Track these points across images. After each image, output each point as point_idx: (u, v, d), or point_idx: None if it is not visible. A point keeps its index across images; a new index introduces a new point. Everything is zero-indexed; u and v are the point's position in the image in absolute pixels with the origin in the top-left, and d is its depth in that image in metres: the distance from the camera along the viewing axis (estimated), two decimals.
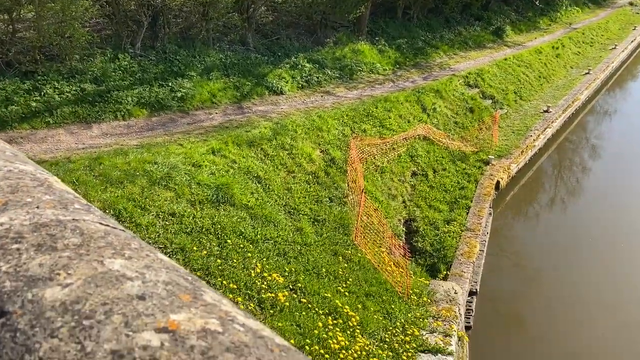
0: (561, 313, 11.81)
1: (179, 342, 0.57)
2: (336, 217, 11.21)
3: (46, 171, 1.17)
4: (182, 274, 0.76)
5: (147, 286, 0.67)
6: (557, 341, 10.95)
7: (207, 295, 0.70)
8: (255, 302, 7.58)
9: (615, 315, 11.68)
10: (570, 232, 15.62)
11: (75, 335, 0.57)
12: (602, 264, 13.69)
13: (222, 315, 0.65)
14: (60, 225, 0.81)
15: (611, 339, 10.95)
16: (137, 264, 0.73)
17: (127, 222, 8.11)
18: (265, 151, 11.81)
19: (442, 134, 17.29)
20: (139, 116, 12.88)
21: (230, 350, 0.58)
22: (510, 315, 12.09)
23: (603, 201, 17.41)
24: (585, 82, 26.90)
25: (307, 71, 17.68)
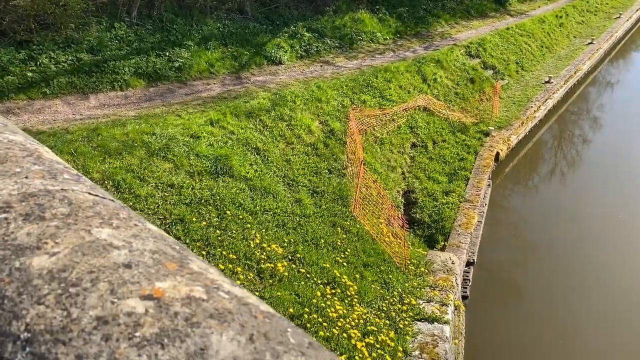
0: (558, 283, 11.96)
1: (163, 308, 0.58)
2: (335, 188, 11.24)
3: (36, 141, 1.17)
4: (170, 243, 0.77)
5: (133, 255, 0.68)
6: (554, 311, 11.13)
7: (194, 264, 0.71)
8: (255, 272, 7.67)
9: (611, 286, 11.84)
10: (569, 204, 15.69)
11: (62, 302, 0.58)
12: (600, 235, 13.79)
13: (207, 283, 0.66)
14: (49, 195, 0.81)
15: (607, 310, 11.12)
16: (124, 233, 0.74)
17: (126, 193, 8.13)
18: (264, 122, 11.75)
19: (442, 105, 17.18)
20: (137, 86, 12.77)
21: (214, 316, 0.59)
22: (508, 285, 12.25)
23: (603, 173, 17.42)
24: (588, 52, 26.57)
25: (306, 40, 17.44)
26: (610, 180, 16.78)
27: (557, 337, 10.44)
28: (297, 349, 0.58)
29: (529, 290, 11.95)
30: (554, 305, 11.31)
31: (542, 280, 12.17)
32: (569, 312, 11.13)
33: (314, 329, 6.89)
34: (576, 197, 16.16)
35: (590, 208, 15.23)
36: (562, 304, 11.34)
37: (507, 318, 11.14)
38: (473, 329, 10.32)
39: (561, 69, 23.64)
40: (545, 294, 11.71)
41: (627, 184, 16.42)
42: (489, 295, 11.77)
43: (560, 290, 11.76)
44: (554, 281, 12.06)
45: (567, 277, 12.18)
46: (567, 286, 11.86)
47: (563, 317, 10.97)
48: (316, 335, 6.81)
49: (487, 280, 12.13)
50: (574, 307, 11.24)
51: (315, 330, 6.89)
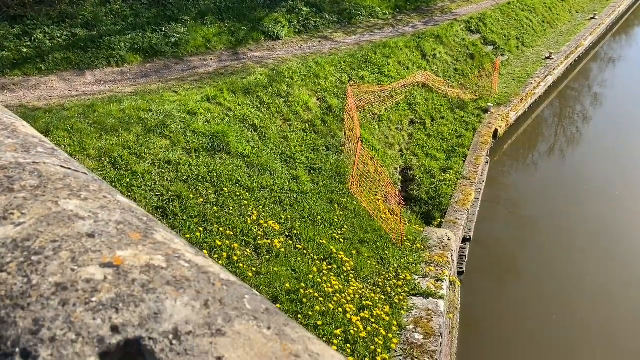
0: (555, 259, 12.07)
1: (121, 275, 0.60)
2: (332, 165, 11.25)
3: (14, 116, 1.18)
4: (138, 215, 0.79)
5: (98, 225, 0.70)
6: (549, 286, 11.26)
7: (159, 235, 0.72)
8: (252, 248, 7.74)
9: (608, 261, 11.95)
10: (568, 181, 15.72)
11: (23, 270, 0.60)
12: (598, 213, 13.85)
13: (169, 252, 0.68)
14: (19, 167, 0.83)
15: (604, 284, 11.25)
16: (92, 204, 0.76)
17: (123, 169, 8.15)
18: (261, 99, 11.69)
19: (441, 81, 17.06)
20: (133, 62, 12.66)
21: (171, 283, 0.61)
22: (505, 260, 12.37)
23: (602, 150, 17.41)
24: (590, 27, 26.25)
25: (304, 15, 17.21)
26: (609, 156, 16.78)
27: (553, 312, 10.59)
28: (251, 314, 0.60)
29: (525, 266, 12.07)
30: (549, 280, 11.44)
31: (538, 256, 12.28)
32: (564, 287, 11.26)
33: (310, 303, 6.99)
34: (575, 173, 16.18)
35: (589, 184, 15.27)
36: (558, 279, 11.47)
37: (503, 293, 11.28)
38: (469, 304, 10.46)
39: (562, 45, 23.40)
40: (541, 269, 11.83)
41: (626, 160, 16.42)
42: (486, 270, 11.90)
43: (556, 266, 11.88)
44: (551, 257, 12.17)
45: (564, 253, 12.29)
46: (564, 262, 11.97)
47: (559, 293, 11.10)
48: (312, 309, 6.92)
49: (484, 256, 12.24)
50: (570, 283, 11.37)
51: (312, 305, 6.99)
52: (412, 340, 6.97)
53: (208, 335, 0.54)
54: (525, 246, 12.70)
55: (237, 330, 0.56)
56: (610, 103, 21.60)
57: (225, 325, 0.56)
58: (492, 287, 11.48)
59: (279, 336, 0.57)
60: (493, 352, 9.78)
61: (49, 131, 8.49)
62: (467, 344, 9.73)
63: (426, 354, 6.71)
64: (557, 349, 9.72)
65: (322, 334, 6.62)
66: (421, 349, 6.79)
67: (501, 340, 9.97)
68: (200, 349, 0.52)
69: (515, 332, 10.17)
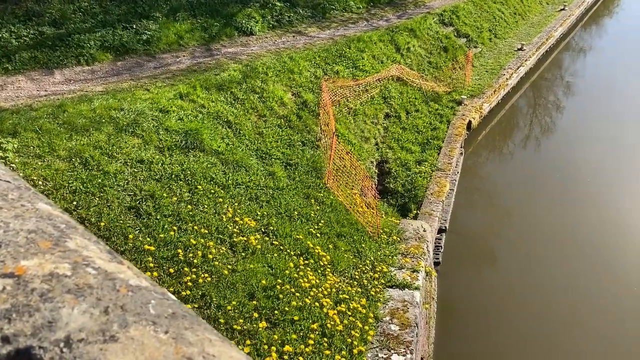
0: (530, 247, 12.29)
1: (21, 285, 0.61)
2: (309, 160, 11.26)
3: None
4: (56, 223, 0.79)
5: (7, 235, 0.70)
6: (525, 274, 11.48)
7: (72, 242, 0.73)
8: (227, 245, 7.72)
9: (583, 247, 12.21)
10: (542, 170, 16.00)
11: None
12: (571, 200, 14.13)
13: (77, 260, 0.68)
14: None
15: (579, 271, 11.50)
16: (5, 214, 0.76)
17: (94, 170, 8.03)
18: (235, 95, 11.63)
19: (415, 74, 17.18)
20: (103, 61, 12.47)
21: (72, 291, 0.62)
22: (481, 250, 12.57)
23: (575, 139, 17.77)
24: (560, 19, 26.70)
25: (278, 10, 17.14)
26: (582, 145, 17.14)
27: (530, 299, 10.80)
28: (151, 319, 0.61)
29: (501, 255, 12.29)
30: (525, 268, 11.66)
31: (514, 245, 12.50)
32: (540, 275, 11.49)
33: (286, 299, 7.02)
34: (549, 162, 16.48)
35: (563, 173, 15.58)
36: (534, 267, 11.70)
37: (480, 282, 11.47)
38: (446, 294, 10.62)
39: (534, 36, 23.76)
40: (517, 258, 12.06)
41: (598, 148, 16.78)
42: (462, 260, 12.07)
43: (532, 254, 12.11)
44: (527, 245, 12.40)
45: (539, 241, 12.53)
46: (540, 250, 12.21)
47: (535, 280, 11.33)
48: (289, 305, 6.94)
49: (461, 246, 12.42)
50: (546, 270, 11.61)
51: (288, 301, 7.01)
52: (388, 332, 7.06)
53: (100, 341, 0.55)
54: (501, 235, 12.92)
55: (132, 335, 0.57)
56: (582, 92, 22.03)
57: (119, 331, 0.57)
58: (469, 276, 11.65)
59: (175, 340, 0.59)
60: (470, 340, 9.95)
61: (16, 132, 8.32)
62: (445, 333, 9.88)
63: (402, 344, 6.80)
64: (534, 336, 9.93)
65: (299, 329, 6.65)
66: (397, 340, 6.88)
67: (478, 329, 10.15)
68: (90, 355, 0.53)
69: (493, 320, 10.36)
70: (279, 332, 6.51)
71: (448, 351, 9.64)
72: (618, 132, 17.82)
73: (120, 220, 7.26)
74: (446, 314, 10.22)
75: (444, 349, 9.60)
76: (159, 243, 7.11)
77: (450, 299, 10.66)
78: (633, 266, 11.57)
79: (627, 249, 12.19)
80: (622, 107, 19.76)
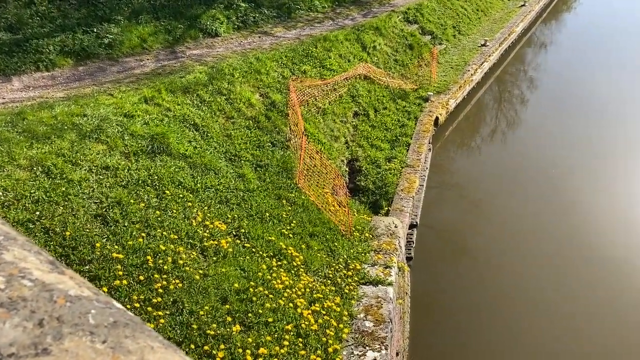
0: (501, 239, 12.54)
1: None
2: (279, 161, 11.22)
3: None
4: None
5: None
6: (496, 265, 11.70)
7: (9, 254, 0.71)
8: (198, 250, 7.62)
9: (552, 237, 12.52)
10: (508, 163, 16.36)
11: None
12: (538, 191, 14.48)
13: (12, 273, 0.66)
14: None
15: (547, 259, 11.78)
16: None
17: (57, 178, 7.81)
18: (202, 97, 11.49)
19: (382, 72, 17.32)
20: (64, 66, 12.15)
21: (4, 305, 0.60)
22: (452, 244, 12.76)
23: (540, 131, 18.22)
24: (521, 14, 27.34)
25: (242, 11, 17.03)
26: (547, 137, 17.59)
27: (501, 290, 11.02)
28: (89, 329, 0.60)
29: (472, 248, 12.50)
30: (496, 259, 11.90)
31: (485, 237, 12.73)
32: (511, 265, 11.73)
33: (260, 301, 6.98)
34: (514, 155, 16.86)
35: (529, 164, 15.95)
36: (504, 258, 11.95)
37: (452, 275, 11.64)
38: (419, 288, 10.75)
39: (496, 32, 24.27)
40: (488, 250, 12.28)
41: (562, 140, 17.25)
42: (435, 255, 12.24)
43: (502, 245, 12.37)
44: (497, 237, 12.65)
45: (509, 233, 12.79)
46: (509, 240, 12.48)
47: (505, 270, 11.56)
48: (262, 307, 6.90)
49: (432, 240, 12.59)
50: (516, 261, 11.86)
51: (262, 303, 6.97)
52: (363, 329, 7.10)
53: (32, 355, 0.54)
54: (471, 228, 13.15)
55: (66, 347, 0.55)
56: (545, 86, 22.62)
57: (53, 344, 0.56)
58: (441, 270, 11.81)
59: (113, 349, 0.57)
60: (445, 334, 10.09)
61: None
62: (419, 327, 10.00)
63: (377, 340, 6.85)
64: (507, 327, 10.14)
65: (273, 331, 6.63)
66: (372, 336, 6.93)
67: (453, 322, 10.31)
68: None
69: (466, 312, 10.53)
70: (254, 335, 6.47)
71: (423, 345, 9.76)
72: (580, 123, 18.37)
73: (87, 228, 7.09)
74: (420, 309, 10.34)
75: (419, 344, 9.71)
76: (128, 250, 6.97)
77: (424, 293, 10.80)
78: (602, 252, 11.93)
79: (595, 235, 12.56)
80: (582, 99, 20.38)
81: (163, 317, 6.31)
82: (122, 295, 6.31)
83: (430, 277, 11.38)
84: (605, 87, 21.37)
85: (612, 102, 19.81)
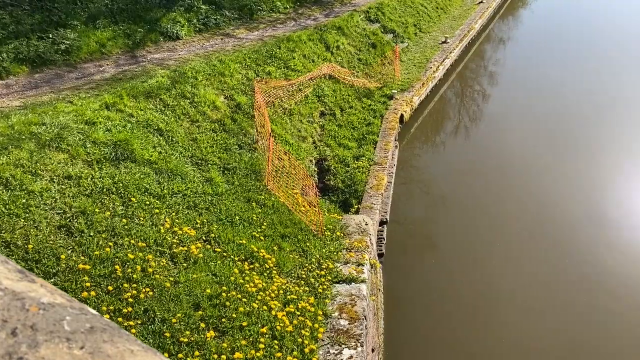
0: (468, 232, 12.78)
1: None
2: (247, 163, 11.14)
3: None
4: None
5: None
6: (465, 257, 11.92)
7: None
8: (168, 257, 7.49)
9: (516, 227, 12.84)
10: (472, 157, 16.69)
11: None
12: (502, 184, 14.83)
13: None
14: None
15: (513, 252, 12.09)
16: None
17: (17, 190, 7.54)
18: (165, 101, 11.30)
19: (346, 71, 17.42)
20: (19, 74, 11.74)
21: None
22: (422, 239, 12.94)
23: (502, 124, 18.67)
24: (479, 11, 27.96)
25: (203, 13, 16.83)
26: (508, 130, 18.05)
27: (470, 281, 11.24)
28: (65, 336, 0.58)
29: (441, 242, 12.70)
30: (464, 253, 12.13)
31: (452, 231, 12.96)
32: (480, 257, 11.98)
33: (233, 306, 6.91)
34: (479, 149, 17.22)
35: (491, 158, 16.33)
36: (472, 250, 12.19)
37: (423, 270, 11.80)
38: (391, 284, 10.86)
39: (456, 29, 24.75)
40: (456, 243, 12.51)
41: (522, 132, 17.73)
42: (405, 250, 12.38)
43: (469, 239, 12.61)
44: (464, 230, 12.88)
45: (475, 225, 13.06)
46: (477, 233, 12.73)
47: (475, 262, 11.80)
48: (236, 311, 6.84)
49: (402, 236, 12.73)
50: (483, 253, 12.12)
51: (235, 307, 6.90)
52: (338, 327, 7.12)
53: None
54: (440, 223, 13.36)
55: (42, 355, 0.54)
56: (504, 80, 23.20)
57: (28, 352, 0.54)
58: (413, 265, 11.97)
59: (92, 354, 0.56)
60: (419, 328, 10.22)
61: None
62: (394, 323, 10.10)
63: (352, 338, 6.88)
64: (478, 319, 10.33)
65: (248, 335, 6.57)
66: (347, 334, 6.95)
67: (426, 316, 10.45)
68: None
69: (439, 306, 10.69)
70: (228, 340, 6.40)
71: (398, 340, 9.86)
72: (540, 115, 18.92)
73: (50, 240, 6.87)
74: (393, 304, 10.45)
75: (394, 339, 9.81)
76: (95, 261, 6.79)
77: (396, 288, 10.91)
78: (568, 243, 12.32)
79: (560, 226, 12.95)
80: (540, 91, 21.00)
81: (134, 326, 6.17)
82: (91, 306, 6.13)
83: (401, 273, 11.51)
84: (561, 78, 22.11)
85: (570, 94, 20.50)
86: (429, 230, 13.24)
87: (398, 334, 9.99)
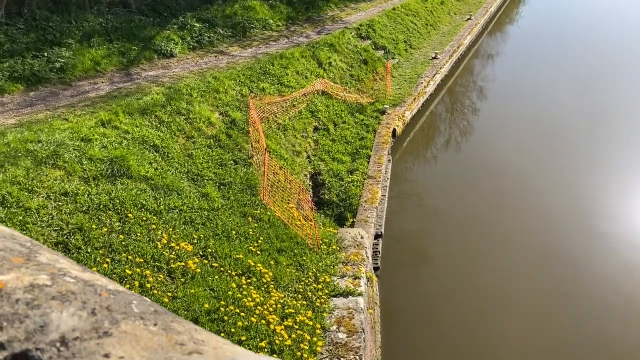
0: (461, 245, 12.86)
1: (4, 297, 0.63)
2: (242, 178, 11.20)
3: None
4: (21, 242, 0.80)
5: None
6: (460, 270, 11.98)
7: (43, 257, 0.75)
8: (165, 272, 7.50)
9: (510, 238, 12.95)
10: (465, 170, 16.85)
11: None
12: (494, 195, 14.97)
13: (53, 272, 0.71)
14: None
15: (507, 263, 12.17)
16: None
17: (13, 207, 7.54)
18: (160, 118, 11.37)
19: (339, 87, 17.62)
20: (14, 92, 11.78)
21: (56, 298, 0.64)
22: (416, 251, 12.99)
23: (492, 138, 18.91)
24: (468, 27, 28.45)
25: (197, 31, 17.01)
26: (499, 143, 18.27)
27: (465, 293, 11.29)
28: (138, 315, 0.65)
29: (434, 254, 12.77)
30: (458, 265, 12.19)
31: (445, 244, 13.04)
32: (473, 268, 12.05)
33: (231, 320, 6.91)
34: (470, 162, 17.40)
35: (482, 171, 16.51)
36: (466, 262, 12.26)
37: (418, 282, 11.84)
38: (387, 297, 10.88)
39: (445, 45, 25.14)
40: (449, 256, 12.58)
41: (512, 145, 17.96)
42: (400, 263, 12.42)
43: (462, 252, 12.69)
44: (457, 241, 12.97)
45: (468, 236, 13.15)
46: (470, 244, 12.82)
47: (468, 275, 11.86)
48: (235, 326, 6.84)
49: (398, 249, 12.79)
50: (478, 264, 12.19)
51: (234, 322, 6.91)
52: (336, 340, 7.13)
53: (95, 337, 0.59)
54: (433, 235, 13.44)
55: (124, 330, 0.61)
56: (493, 95, 23.54)
57: (111, 327, 0.61)
58: (408, 277, 12.01)
59: (166, 330, 0.63)
60: (416, 341, 10.23)
61: None
62: (391, 336, 10.11)
63: (351, 351, 6.89)
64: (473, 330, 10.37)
65: (247, 349, 6.55)
66: (346, 347, 6.97)
67: (423, 328, 10.47)
68: (88, 350, 0.56)
69: (435, 318, 10.72)
70: None
71: (395, 354, 9.86)
72: (529, 127, 19.19)
73: None
74: (390, 317, 10.47)
75: (391, 352, 9.81)
76: None
77: (393, 301, 10.93)
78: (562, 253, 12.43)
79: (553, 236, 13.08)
80: (528, 105, 21.33)
81: None
82: None
83: (397, 286, 11.54)
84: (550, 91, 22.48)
85: (559, 106, 20.84)
86: (423, 242, 13.31)
87: (395, 347, 9.99)
